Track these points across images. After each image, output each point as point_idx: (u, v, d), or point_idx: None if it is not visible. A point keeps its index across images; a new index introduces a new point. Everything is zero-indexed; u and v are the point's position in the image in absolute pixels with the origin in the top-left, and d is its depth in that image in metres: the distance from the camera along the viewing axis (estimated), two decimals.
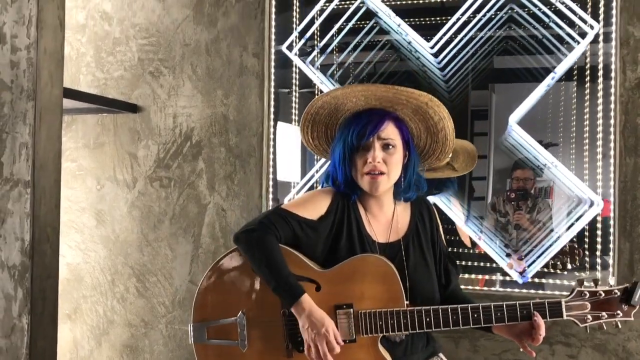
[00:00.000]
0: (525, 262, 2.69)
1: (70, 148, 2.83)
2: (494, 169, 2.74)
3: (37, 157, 2.14)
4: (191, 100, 2.67)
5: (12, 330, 2.12)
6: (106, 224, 2.79)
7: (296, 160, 2.77)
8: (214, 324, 1.66)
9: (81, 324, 2.82)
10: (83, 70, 2.82)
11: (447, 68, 2.91)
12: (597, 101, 2.35)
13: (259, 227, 1.61)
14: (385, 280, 1.60)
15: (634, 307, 1.56)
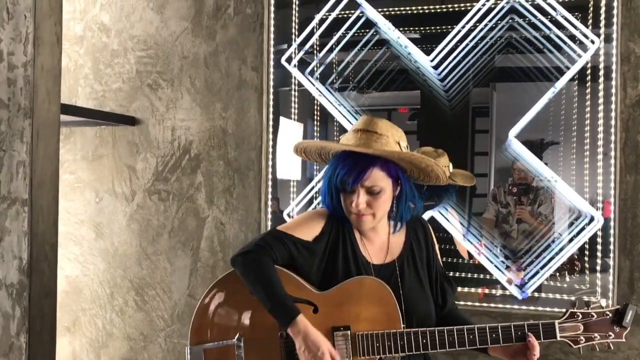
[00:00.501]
0: (524, 274, 2.69)
1: (68, 160, 2.82)
2: (495, 167, 2.73)
3: (35, 175, 2.13)
4: (190, 113, 2.65)
5: (10, 349, 2.12)
6: (105, 237, 2.78)
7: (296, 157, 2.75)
8: (212, 346, 1.66)
9: (80, 337, 2.81)
10: (81, 82, 2.80)
11: (447, 79, 2.90)
12: (597, 108, 2.34)
13: (255, 249, 1.62)
14: (382, 302, 1.61)
15: (625, 328, 1.59)
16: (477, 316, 2.37)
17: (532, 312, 2.36)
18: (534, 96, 2.55)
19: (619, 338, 1.60)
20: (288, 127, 2.69)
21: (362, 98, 2.81)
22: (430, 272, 1.75)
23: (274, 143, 2.63)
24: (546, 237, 2.64)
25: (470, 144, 2.88)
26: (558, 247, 2.57)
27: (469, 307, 2.43)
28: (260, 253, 1.61)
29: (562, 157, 2.58)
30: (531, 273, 2.62)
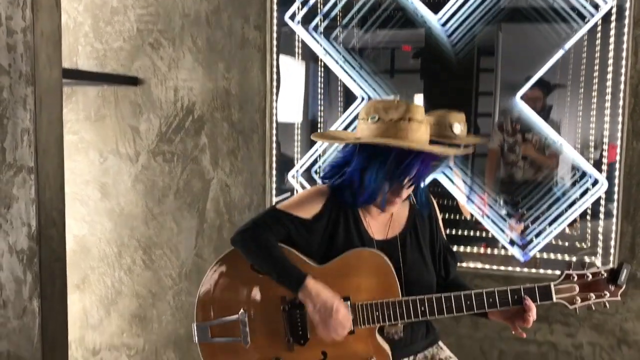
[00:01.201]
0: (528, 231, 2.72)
1: (71, 120, 2.80)
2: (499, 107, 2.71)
3: (40, 142, 2.13)
4: (192, 74, 2.62)
5: (24, 312, 2.18)
6: (111, 197, 2.79)
7: (299, 99, 2.74)
8: (217, 322, 1.70)
9: (90, 294, 2.88)
10: (81, 40, 2.75)
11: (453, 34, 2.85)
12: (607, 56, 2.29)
13: (253, 227, 1.65)
14: (380, 273, 1.64)
15: (620, 287, 1.61)
16: (479, 278, 2.41)
17: (534, 275, 2.40)
18: (541, 43, 2.51)
19: (614, 297, 1.62)
20: (290, 66, 2.66)
21: (365, 36, 2.75)
22: (434, 246, 1.77)
23: (277, 105, 2.61)
24: (550, 178, 2.64)
25: (475, 84, 2.86)
26: (562, 207, 2.59)
27: (471, 269, 2.46)
28: (258, 230, 1.63)
29: (569, 100, 2.56)
30: (534, 232, 2.65)
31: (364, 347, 1.65)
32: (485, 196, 3.08)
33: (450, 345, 2.38)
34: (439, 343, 1.83)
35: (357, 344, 1.65)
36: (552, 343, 2.36)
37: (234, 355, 1.69)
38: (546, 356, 2.37)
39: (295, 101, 2.75)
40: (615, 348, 2.31)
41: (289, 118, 2.71)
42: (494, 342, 2.41)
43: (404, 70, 2.82)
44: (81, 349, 2.92)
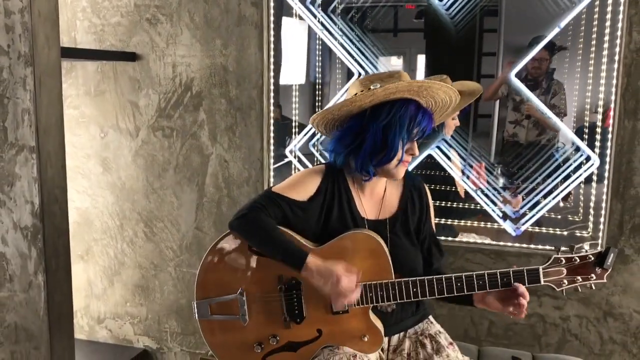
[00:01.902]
0: (522, 204, 2.77)
1: (71, 95, 2.83)
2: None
3: (40, 122, 2.17)
4: (190, 50, 2.63)
5: (30, 286, 2.25)
6: (112, 171, 2.85)
7: (301, 60, 2.77)
8: (216, 300, 1.77)
9: (93, 265, 2.96)
10: (79, 15, 2.76)
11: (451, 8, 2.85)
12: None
13: (250, 210, 1.70)
14: (374, 255, 1.70)
15: (606, 270, 1.67)
16: (471, 253, 2.48)
17: (525, 249, 2.46)
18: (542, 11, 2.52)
19: (600, 279, 1.68)
20: (290, 25, 2.68)
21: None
22: (419, 233, 1.84)
23: (276, 81, 2.63)
24: (547, 149, 2.68)
25: (478, 44, 2.87)
26: (556, 180, 2.64)
27: (463, 243, 2.53)
28: (255, 213, 1.68)
29: (567, 63, 2.57)
30: (528, 205, 2.70)
31: (358, 325, 1.73)
32: (483, 166, 3.13)
33: (443, 317, 2.48)
34: (429, 318, 1.91)
35: (351, 322, 1.73)
36: (540, 315, 2.44)
37: (232, 332, 1.76)
38: (534, 327, 2.46)
39: (298, 63, 2.76)
40: (602, 320, 2.39)
41: (290, 80, 2.73)
42: (485, 313, 2.49)
43: (407, 29, 2.81)
44: (86, 317, 3.02)
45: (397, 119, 1.64)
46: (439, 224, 2.76)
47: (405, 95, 1.66)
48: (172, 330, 2.89)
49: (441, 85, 1.66)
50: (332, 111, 1.72)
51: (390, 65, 3.21)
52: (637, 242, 2.29)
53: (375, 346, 1.74)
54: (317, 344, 1.74)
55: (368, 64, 2.79)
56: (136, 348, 2.96)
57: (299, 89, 2.76)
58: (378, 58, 2.94)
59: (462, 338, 2.49)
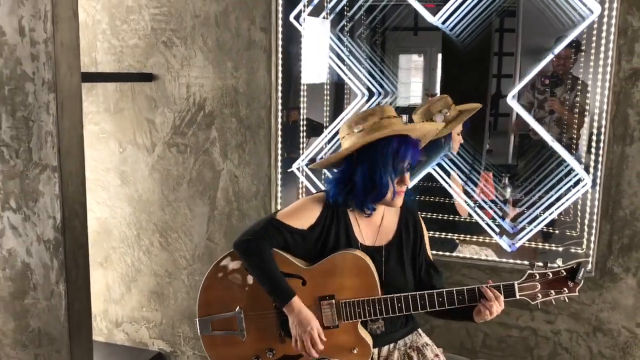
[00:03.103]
0: (518, 221, 2.87)
1: (92, 112, 3.01)
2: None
3: (62, 144, 2.33)
4: (203, 71, 2.78)
5: (52, 294, 2.42)
6: (129, 184, 3.02)
7: (323, 59, 2.91)
8: (217, 317, 1.91)
9: (112, 272, 3.14)
10: (99, 37, 2.92)
11: (455, 28, 2.96)
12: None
13: (255, 237, 1.84)
14: (361, 274, 1.83)
15: (577, 284, 1.79)
16: (467, 268, 2.60)
17: (519, 266, 2.57)
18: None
19: (572, 292, 1.79)
20: (313, 25, 2.82)
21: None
22: (415, 260, 1.96)
23: (283, 101, 2.77)
24: (550, 163, 2.77)
25: (499, 44, 2.98)
26: (555, 196, 2.74)
27: (459, 259, 2.64)
28: (258, 241, 1.82)
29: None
30: (528, 219, 2.80)
31: (348, 339, 1.86)
32: (491, 175, 3.24)
33: (439, 328, 2.60)
34: (418, 330, 2.03)
35: (341, 336, 1.86)
36: (532, 329, 2.55)
37: (232, 346, 1.91)
38: (527, 340, 2.57)
39: (320, 63, 2.92)
40: (591, 335, 2.49)
41: (313, 79, 2.89)
42: (479, 326, 2.61)
43: (427, 27, 2.91)
44: (105, 321, 3.20)
45: (381, 158, 1.76)
46: (438, 237, 2.88)
47: (388, 134, 1.78)
48: (185, 335, 3.06)
49: (422, 126, 1.79)
50: (328, 161, 1.89)
51: (412, 62, 3.33)
52: (625, 262, 2.39)
53: (364, 357, 1.87)
54: (310, 358, 1.87)
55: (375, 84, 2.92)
56: (151, 351, 3.13)
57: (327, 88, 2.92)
58: (384, 74, 3.08)
59: (458, 349, 2.61)
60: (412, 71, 3.30)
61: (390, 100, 3.03)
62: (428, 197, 3.02)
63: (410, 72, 3.31)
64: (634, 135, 2.30)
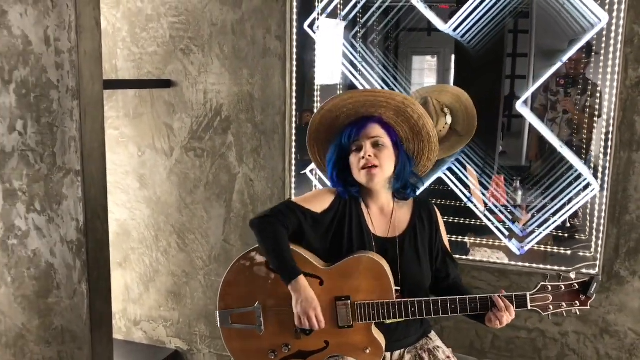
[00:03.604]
0: (529, 221, 2.93)
1: (112, 117, 3.10)
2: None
3: (85, 149, 2.42)
4: (220, 78, 2.87)
5: (75, 293, 2.52)
6: (148, 187, 3.11)
7: (337, 60, 2.99)
8: (236, 311, 1.98)
9: (131, 272, 3.23)
10: (120, 44, 3.02)
11: (466, 35, 3.02)
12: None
13: (271, 214, 1.91)
14: (377, 277, 1.89)
15: (590, 298, 1.81)
16: (477, 271, 2.65)
17: (527, 269, 2.62)
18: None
19: (584, 306, 1.81)
20: (328, 25, 2.90)
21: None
22: (432, 251, 2.02)
23: (297, 104, 2.85)
24: (561, 167, 2.82)
25: (513, 46, 3.04)
26: (564, 200, 2.79)
27: (470, 261, 2.70)
28: (274, 218, 1.89)
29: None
30: (537, 223, 2.85)
31: (361, 339, 1.92)
32: (502, 178, 3.29)
33: (449, 329, 2.66)
34: (429, 335, 2.09)
35: (355, 336, 1.92)
36: (540, 330, 2.60)
37: (250, 340, 1.98)
38: (535, 342, 2.62)
39: (334, 64, 3.00)
40: (598, 337, 2.54)
41: (326, 80, 2.98)
42: (489, 327, 2.66)
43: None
44: (124, 320, 3.30)
45: (333, 148, 2.00)
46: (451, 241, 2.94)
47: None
48: (201, 334, 3.15)
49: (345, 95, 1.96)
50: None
51: (426, 62, 3.39)
52: (632, 265, 2.44)
53: (376, 357, 1.93)
54: (324, 354, 1.94)
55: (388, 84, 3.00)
56: (168, 349, 3.22)
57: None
58: (397, 80, 3.14)
59: (467, 349, 2.67)
60: (426, 72, 3.37)
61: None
62: (440, 200, 3.08)
63: (423, 73, 3.37)
64: None
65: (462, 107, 2.86)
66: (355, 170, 1.94)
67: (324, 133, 2.03)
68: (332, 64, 3.03)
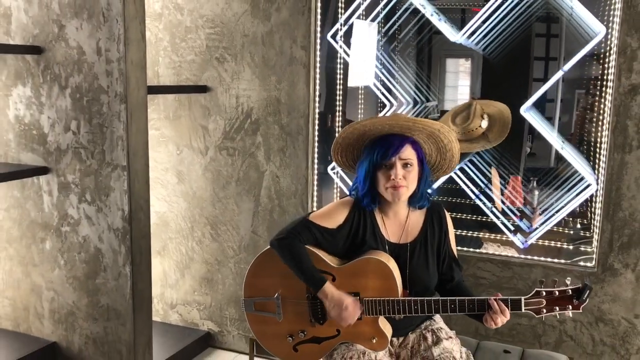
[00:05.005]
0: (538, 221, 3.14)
1: (154, 118, 3.43)
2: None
3: (130, 147, 2.73)
4: (250, 84, 3.16)
5: (119, 275, 2.83)
6: (185, 182, 3.42)
7: (370, 62, 3.22)
8: (259, 300, 2.19)
9: (168, 259, 3.55)
10: (161, 53, 3.34)
11: (480, 42, 3.25)
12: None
13: (288, 236, 2.08)
14: (384, 277, 2.05)
15: (582, 303, 1.88)
16: (482, 262, 2.88)
17: (530, 261, 2.84)
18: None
19: (576, 310, 1.88)
20: (361, 28, 3.14)
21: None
22: (440, 254, 2.17)
23: (321, 111, 3.13)
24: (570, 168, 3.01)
25: (545, 49, 3.24)
26: (568, 198, 3.00)
27: (476, 254, 2.93)
28: (291, 239, 2.07)
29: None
30: (537, 225, 3.07)
31: (369, 330, 2.09)
32: (519, 179, 3.52)
33: (456, 316, 2.89)
34: (434, 318, 2.25)
35: (363, 327, 2.09)
36: (540, 318, 2.81)
37: (270, 325, 2.19)
38: (535, 328, 2.84)
39: (367, 65, 3.22)
40: (594, 324, 2.74)
41: (358, 82, 3.20)
42: None
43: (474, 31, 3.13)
44: (162, 303, 3.62)
45: (365, 154, 2.08)
46: (460, 235, 3.17)
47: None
48: (231, 317, 3.45)
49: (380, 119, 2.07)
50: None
51: (459, 65, 3.61)
52: (624, 258, 2.64)
53: (382, 346, 2.11)
54: (336, 340, 2.12)
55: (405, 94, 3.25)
56: (201, 330, 3.53)
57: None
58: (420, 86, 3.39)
59: (473, 334, 2.90)
60: (460, 74, 3.55)
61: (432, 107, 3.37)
62: (449, 198, 3.32)
63: (457, 75, 3.56)
64: (633, 144, 2.56)
65: (500, 118, 3.07)
66: (381, 187, 2.03)
67: (353, 140, 2.13)
68: (364, 68, 3.29)
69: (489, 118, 3.05)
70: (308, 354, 2.17)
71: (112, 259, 2.82)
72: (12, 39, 2.82)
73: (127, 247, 2.79)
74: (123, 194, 2.75)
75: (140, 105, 2.76)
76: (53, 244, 2.90)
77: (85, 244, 2.84)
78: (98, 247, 2.83)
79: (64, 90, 2.76)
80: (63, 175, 2.82)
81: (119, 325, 2.86)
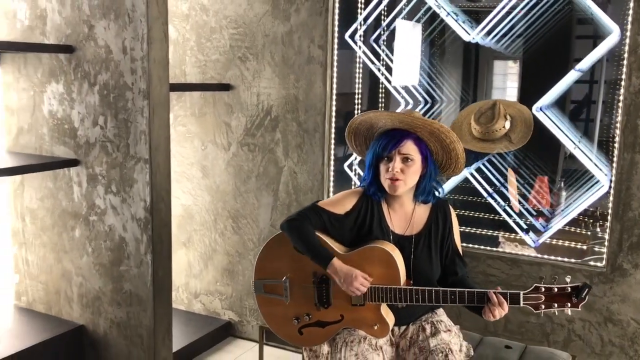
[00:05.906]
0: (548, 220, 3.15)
1: (181, 115, 3.58)
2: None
3: (153, 141, 2.87)
4: (270, 83, 3.28)
5: (141, 263, 2.98)
6: (209, 177, 3.56)
7: (415, 61, 3.30)
8: (268, 282, 2.29)
9: (193, 251, 3.70)
10: (188, 52, 3.49)
11: (501, 40, 3.27)
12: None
13: (298, 217, 2.18)
14: (387, 265, 2.12)
15: (580, 301, 1.91)
16: (491, 259, 2.91)
17: (539, 259, 2.85)
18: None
19: (574, 308, 1.92)
20: (404, 27, 3.21)
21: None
22: (443, 249, 2.23)
23: (337, 109, 3.21)
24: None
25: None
26: (582, 198, 3.00)
27: (486, 251, 2.96)
28: (300, 221, 2.17)
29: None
30: (553, 224, 3.08)
31: (371, 316, 2.16)
32: (546, 180, 3.52)
33: (466, 313, 2.92)
34: (436, 310, 2.30)
35: (366, 313, 2.17)
36: (549, 316, 2.83)
37: (278, 307, 2.28)
38: (543, 326, 2.85)
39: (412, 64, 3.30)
40: (602, 325, 2.74)
41: (404, 81, 3.28)
42: None
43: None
44: (186, 292, 3.77)
45: (371, 144, 2.18)
46: (474, 233, 3.20)
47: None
48: (250, 307, 3.56)
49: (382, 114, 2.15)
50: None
51: (508, 68, 3.64)
52: (634, 258, 2.63)
53: (383, 333, 2.18)
54: (339, 325, 2.19)
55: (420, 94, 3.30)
56: (222, 319, 3.66)
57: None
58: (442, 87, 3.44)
59: (482, 330, 2.92)
60: (509, 77, 3.56)
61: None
62: (466, 197, 3.34)
63: (506, 78, 3.58)
64: None
65: (522, 119, 3.10)
66: (382, 177, 2.13)
67: (363, 130, 2.24)
68: (408, 68, 3.35)
69: (511, 119, 3.07)
70: (312, 337, 2.26)
71: (134, 247, 2.96)
72: (47, 39, 3.01)
73: (148, 236, 2.93)
74: (145, 185, 2.89)
75: (162, 102, 2.89)
76: (82, 232, 3.08)
77: (111, 233, 3.00)
78: (122, 236, 2.98)
79: (93, 87, 2.92)
80: (91, 167, 2.98)
81: (140, 311, 3.00)
